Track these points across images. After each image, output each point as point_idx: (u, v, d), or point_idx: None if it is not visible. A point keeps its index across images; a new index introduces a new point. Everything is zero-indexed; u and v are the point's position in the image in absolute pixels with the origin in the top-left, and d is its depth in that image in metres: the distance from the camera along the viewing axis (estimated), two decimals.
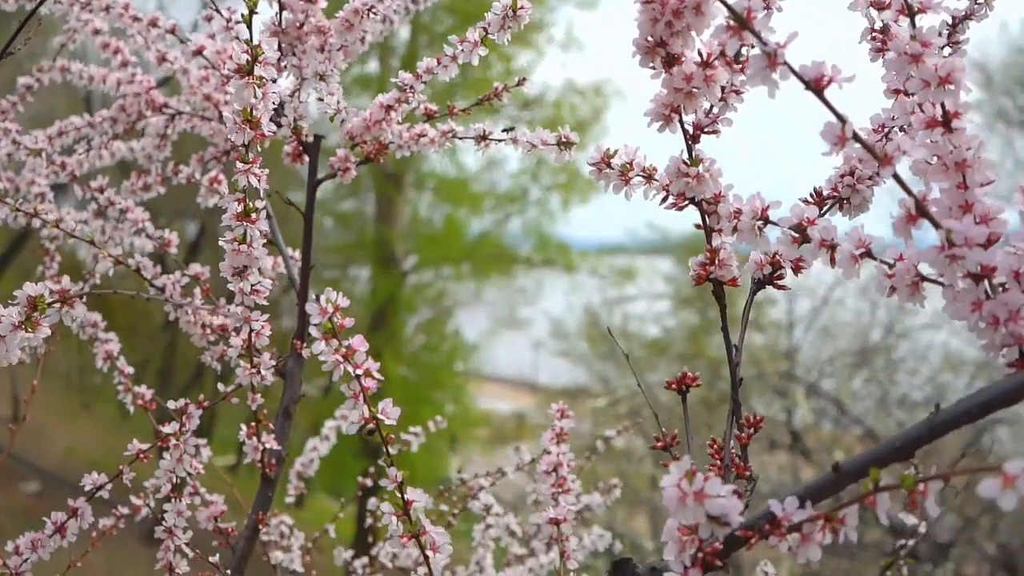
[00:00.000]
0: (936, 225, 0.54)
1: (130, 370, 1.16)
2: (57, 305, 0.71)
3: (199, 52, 1.11)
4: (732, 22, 0.54)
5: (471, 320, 11.85)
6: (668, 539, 0.57)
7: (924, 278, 0.58)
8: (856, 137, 0.54)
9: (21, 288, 0.74)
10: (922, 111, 0.58)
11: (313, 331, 0.65)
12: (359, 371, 0.66)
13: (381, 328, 10.69)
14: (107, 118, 1.26)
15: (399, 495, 0.70)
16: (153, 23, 1.16)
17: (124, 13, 1.16)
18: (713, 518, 0.54)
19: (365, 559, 1.44)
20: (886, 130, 0.74)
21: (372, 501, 1.31)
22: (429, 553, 0.70)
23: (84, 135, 1.26)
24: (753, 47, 0.56)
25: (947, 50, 0.77)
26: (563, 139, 0.91)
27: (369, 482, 1.48)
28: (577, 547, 1.45)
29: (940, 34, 0.78)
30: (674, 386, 0.70)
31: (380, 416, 0.68)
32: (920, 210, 0.55)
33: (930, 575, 5.40)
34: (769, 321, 9.10)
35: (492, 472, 1.44)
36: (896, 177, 0.54)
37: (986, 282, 0.56)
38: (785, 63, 0.53)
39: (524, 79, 1.07)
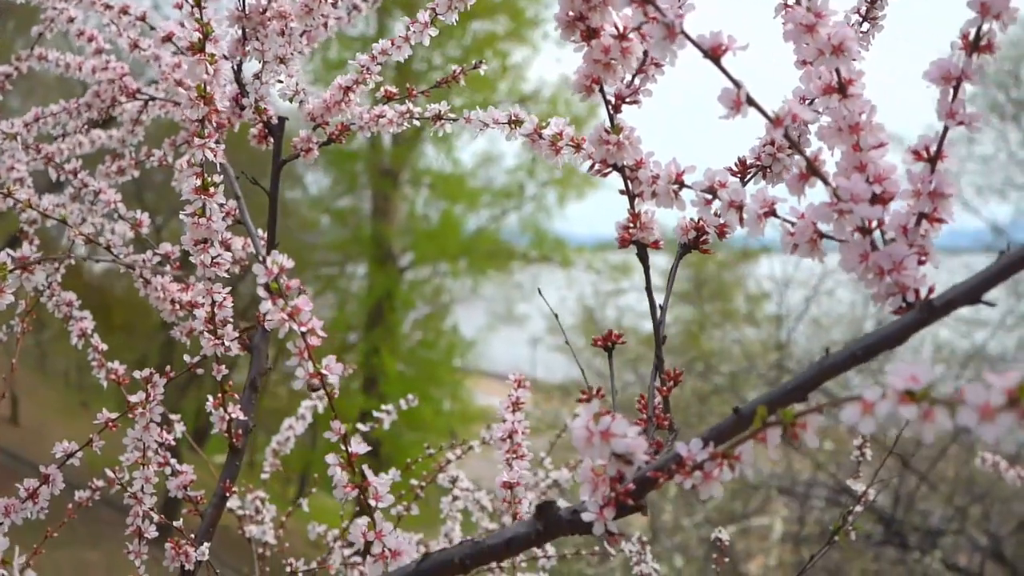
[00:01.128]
0: (826, 183, 0.58)
1: (104, 347, 1.20)
2: (18, 272, 0.76)
3: (168, 38, 1.14)
4: None
5: (468, 316, 11.89)
6: (583, 480, 0.61)
7: (822, 235, 0.62)
8: (750, 101, 0.58)
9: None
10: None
11: (260, 291, 0.69)
12: (304, 329, 0.70)
13: (378, 325, 10.73)
14: (82, 103, 1.30)
15: (343, 447, 0.74)
16: (124, 11, 1.20)
17: (96, 1, 1.20)
18: (619, 456, 0.58)
19: (336, 531, 1.49)
20: (806, 101, 0.78)
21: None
22: (372, 502, 0.73)
23: (60, 121, 1.30)
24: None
25: (865, 25, 0.81)
26: (513, 118, 0.95)
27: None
28: None
29: (858, 10, 0.82)
30: (599, 343, 0.74)
31: (324, 372, 0.71)
32: (812, 169, 0.59)
33: (919, 563, 5.44)
34: (764, 316, 9.16)
35: (459, 444, 1.48)
36: (787, 138, 0.58)
37: (879, 236, 0.60)
38: (683, 33, 0.57)
39: (481, 62, 1.11)
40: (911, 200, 0.60)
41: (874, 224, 0.58)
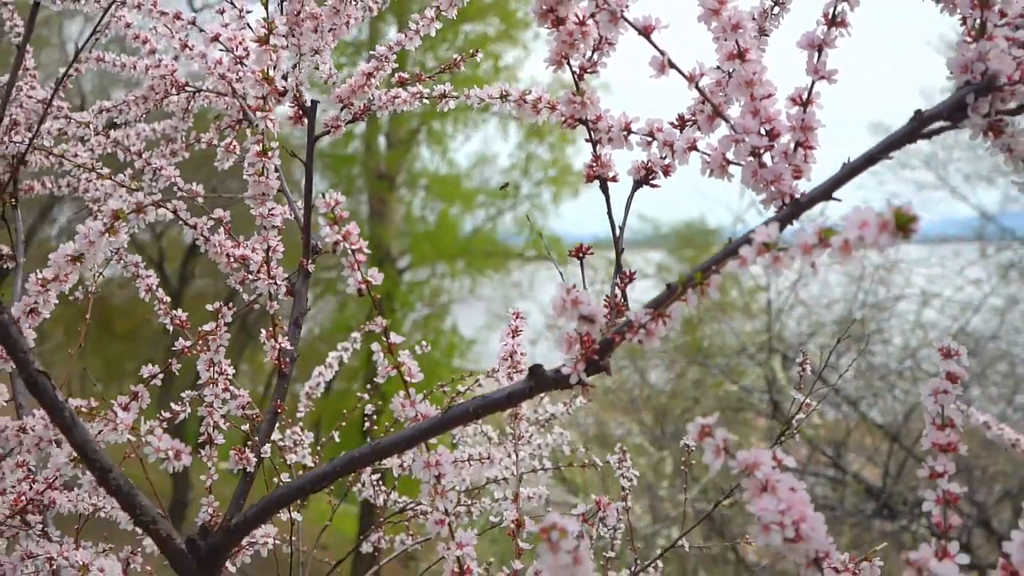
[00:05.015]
0: (727, 121, 0.82)
1: (167, 299, 1.43)
2: (134, 214, 0.99)
3: (215, 38, 1.38)
4: None
5: (467, 316, 12.11)
6: (560, 341, 0.84)
7: (730, 162, 0.86)
8: (671, 64, 0.81)
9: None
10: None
11: (320, 220, 0.93)
12: (354, 247, 0.94)
13: None
14: (138, 96, 1.54)
15: (385, 338, 0.97)
16: (177, 16, 1.43)
17: (152, 9, 1.44)
18: (584, 318, 0.81)
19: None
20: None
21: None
22: (407, 378, 0.97)
23: (121, 110, 1.54)
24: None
25: (777, 9, 1.05)
26: (503, 92, 1.18)
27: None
28: (542, 447, 1.73)
29: None
30: (573, 254, 0.98)
31: (370, 278, 0.95)
32: (716, 112, 0.82)
33: (905, 529, 5.68)
34: (759, 308, 9.41)
35: (469, 375, 1.72)
36: (699, 90, 0.82)
37: (769, 158, 0.84)
38: (623, 17, 0.81)
39: (477, 50, 1.35)
40: (790, 134, 0.84)
41: (762, 150, 0.82)
